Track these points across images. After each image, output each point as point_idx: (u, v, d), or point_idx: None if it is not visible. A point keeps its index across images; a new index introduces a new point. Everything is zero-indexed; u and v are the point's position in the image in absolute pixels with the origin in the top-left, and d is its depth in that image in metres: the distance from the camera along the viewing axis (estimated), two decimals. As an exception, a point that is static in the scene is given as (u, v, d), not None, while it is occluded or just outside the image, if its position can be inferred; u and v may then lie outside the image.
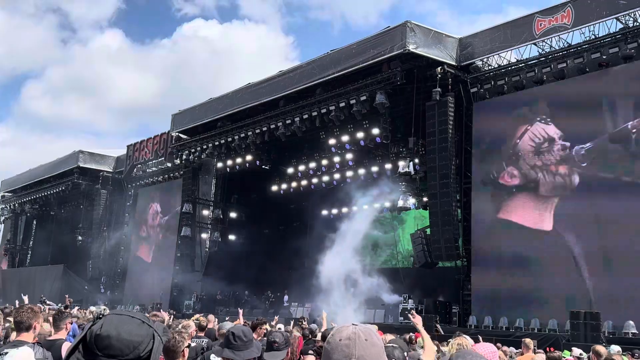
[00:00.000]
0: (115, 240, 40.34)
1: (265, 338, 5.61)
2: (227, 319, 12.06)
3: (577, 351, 10.16)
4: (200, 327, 8.07)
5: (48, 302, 19.37)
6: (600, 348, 8.49)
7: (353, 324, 1.65)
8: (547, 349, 12.15)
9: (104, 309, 6.82)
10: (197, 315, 11.02)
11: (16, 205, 49.74)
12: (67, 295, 30.17)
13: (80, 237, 41.93)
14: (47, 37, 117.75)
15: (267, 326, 8.83)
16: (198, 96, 32.86)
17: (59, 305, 19.00)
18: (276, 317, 13.09)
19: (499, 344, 11.26)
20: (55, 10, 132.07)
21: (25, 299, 11.20)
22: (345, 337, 1.60)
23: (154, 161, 38.40)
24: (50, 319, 6.46)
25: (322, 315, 11.22)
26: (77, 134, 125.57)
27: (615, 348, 11.31)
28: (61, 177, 43.59)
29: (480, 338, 9.17)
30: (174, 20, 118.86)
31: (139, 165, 39.84)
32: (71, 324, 6.95)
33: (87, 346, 1.54)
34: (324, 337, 7.73)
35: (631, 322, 16.85)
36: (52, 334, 5.94)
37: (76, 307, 17.74)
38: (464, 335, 5.54)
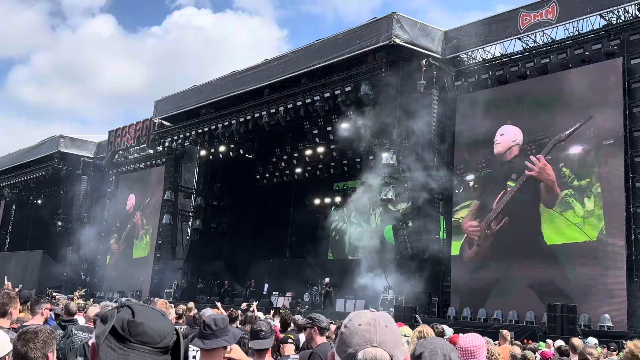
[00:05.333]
0: (95, 226, 39.99)
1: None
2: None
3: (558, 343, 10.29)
4: (179, 315, 8.09)
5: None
6: (577, 341, 8.60)
7: (371, 310, 1.61)
8: (524, 341, 12.34)
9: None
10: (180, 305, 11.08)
11: (-5, 189, 49.09)
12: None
13: (60, 223, 41.48)
14: (37, 22, 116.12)
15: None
16: (188, 86, 32.85)
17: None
18: (254, 303, 13.16)
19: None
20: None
21: (9, 284, 11.04)
22: (365, 322, 1.55)
23: (135, 148, 38.06)
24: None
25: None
26: (63, 120, 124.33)
27: (593, 340, 11.50)
28: (41, 161, 43.03)
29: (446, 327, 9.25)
30: (167, 9, 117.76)
31: (121, 152, 39.47)
32: (50, 310, 6.91)
33: (117, 333, 1.52)
34: (300, 328, 7.75)
35: (607, 316, 17.13)
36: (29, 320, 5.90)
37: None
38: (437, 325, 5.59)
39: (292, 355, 5.54)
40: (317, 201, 34.12)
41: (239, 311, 9.52)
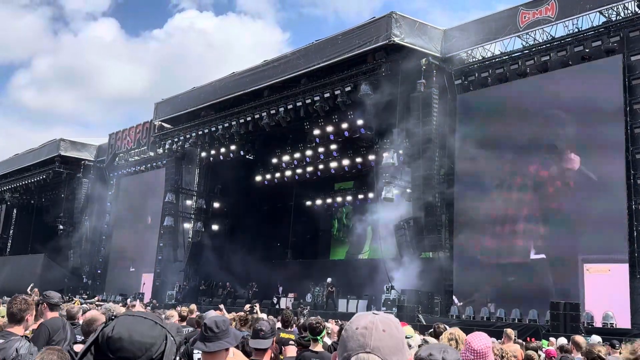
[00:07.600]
0: (97, 229, 39.99)
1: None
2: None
3: (561, 341, 10.27)
4: (182, 317, 8.06)
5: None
6: (580, 339, 8.57)
7: (373, 313, 1.59)
8: (527, 339, 12.31)
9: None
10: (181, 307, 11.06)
11: (-4, 193, 49.08)
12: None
13: (61, 226, 41.48)
14: (39, 27, 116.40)
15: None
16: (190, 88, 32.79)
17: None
18: (257, 304, 13.19)
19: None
20: (50, 3, 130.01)
21: (36, 291, 10.95)
22: (362, 326, 1.53)
23: (136, 150, 38.06)
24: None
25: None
26: (65, 125, 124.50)
27: (596, 339, 11.46)
28: (42, 165, 43.07)
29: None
30: (170, 12, 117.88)
31: (121, 154, 39.47)
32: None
33: (99, 348, 1.53)
34: (304, 328, 7.72)
35: (610, 313, 17.07)
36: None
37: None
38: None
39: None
40: (318, 202, 34.12)
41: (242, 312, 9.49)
